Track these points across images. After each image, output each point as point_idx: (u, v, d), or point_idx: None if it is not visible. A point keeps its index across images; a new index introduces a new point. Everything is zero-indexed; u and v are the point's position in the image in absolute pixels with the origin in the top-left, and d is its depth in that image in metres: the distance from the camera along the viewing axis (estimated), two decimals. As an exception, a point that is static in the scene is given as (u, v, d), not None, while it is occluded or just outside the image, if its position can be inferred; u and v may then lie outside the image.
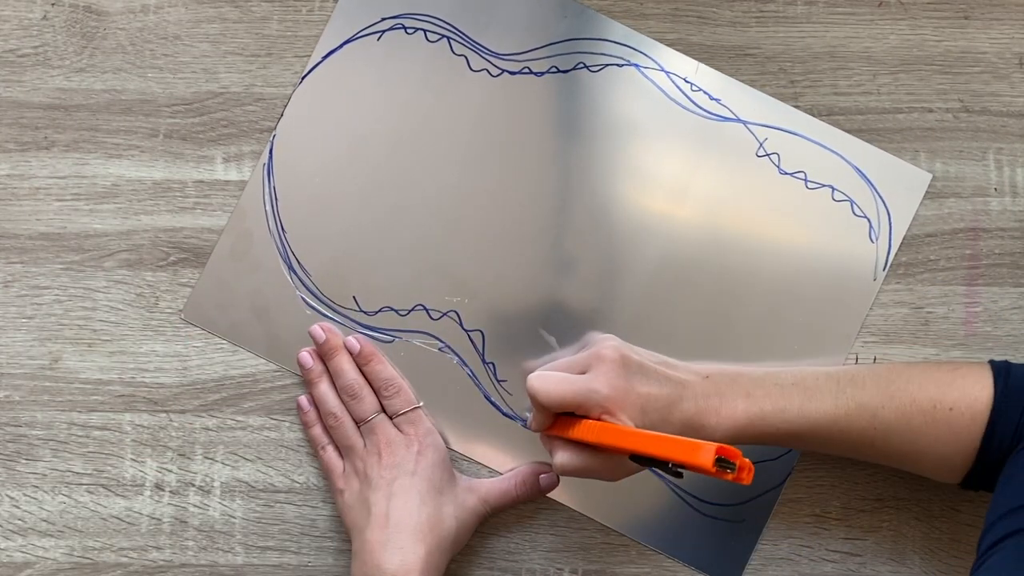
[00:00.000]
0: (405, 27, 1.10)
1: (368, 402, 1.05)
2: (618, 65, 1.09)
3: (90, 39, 1.11)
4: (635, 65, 1.09)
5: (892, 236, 1.08)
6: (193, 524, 1.07)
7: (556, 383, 0.94)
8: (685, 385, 0.96)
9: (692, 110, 1.09)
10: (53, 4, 1.11)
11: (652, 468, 0.89)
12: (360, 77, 1.10)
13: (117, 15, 1.11)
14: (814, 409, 0.95)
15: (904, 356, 1.08)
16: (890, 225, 1.08)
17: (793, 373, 0.98)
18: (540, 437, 0.99)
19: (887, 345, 1.08)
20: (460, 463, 1.07)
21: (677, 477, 0.88)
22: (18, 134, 1.10)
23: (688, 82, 1.09)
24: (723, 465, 0.82)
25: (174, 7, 1.11)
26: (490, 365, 1.08)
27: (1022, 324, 1.08)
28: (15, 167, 1.10)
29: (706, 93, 1.09)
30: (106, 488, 1.07)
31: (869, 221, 1.08)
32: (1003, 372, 0.95)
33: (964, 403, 0.94)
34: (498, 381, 1.08)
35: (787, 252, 1.08)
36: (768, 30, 1.10)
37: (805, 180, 1.08)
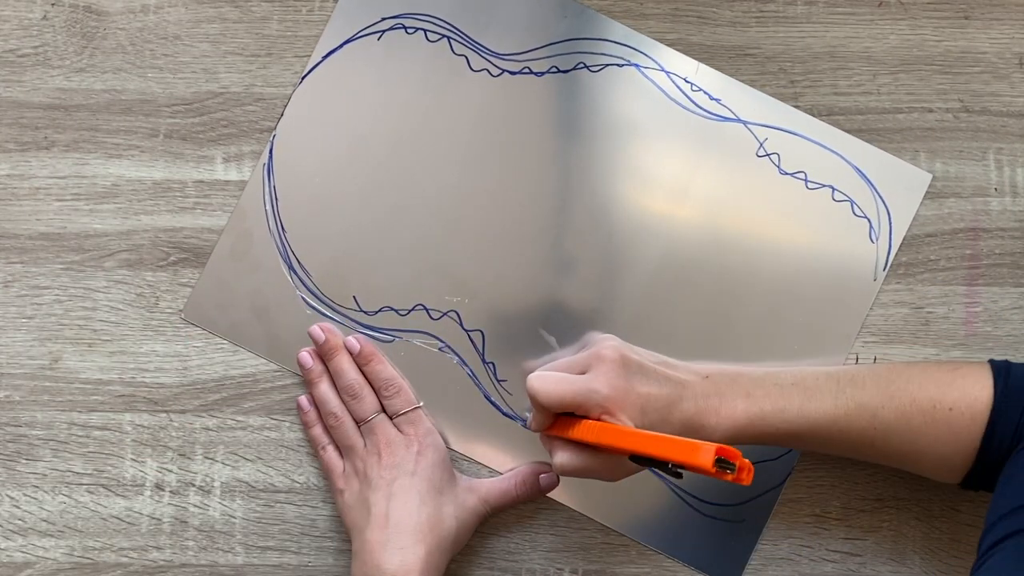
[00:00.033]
0: (405, 27, 1.10)
1: (368, 402, 1.05)
2: (618, 65, 1.09)
3: (90, 39, 1.11)
4: (635, 65, 1.09)
5: (892, 236, 1.08)
6: (193, 524, 1.07)
7: (556, 383, 0.94)
8: (685, 385, 0.96)
9: (692, 110, 1.09)
10: (53, 4, 1.11)
11: (652, 468, 0.89)
12: (360, 77, 1.10)
13: (117, 15, 1.11)
14: (814, 409, 0.95)
15: (904, 356, 1.08)
16: (890, 225, 1.08)
17: (793, 373, 0.98)
18: (540, 437, 0.99)
19: (887, 345, 1.08)
20: (460, 463, 1.07)
21: (677, 477, 0.87)
22: (18, 134, 1.10)
23: (688, 82, 1.09)
24: (723, 466, 0.82)
25: (174, 7, 1.11)
26: (490, 365, 1.08)
27: (1022, 324, 1.08)
28: (15, 167, 1.10)
29: (706, 93, 1.09)
30: (106, 488, 1.07)
31: (869, 221, 1.08)
32: (1003, 372, 0.95)
33: (964, 403, 0.94)
34: (498, 381, 1.08)
35: (787, 252, 1.08)
36: (768, 30, 1.10)
37: (805, 180, 1.08)
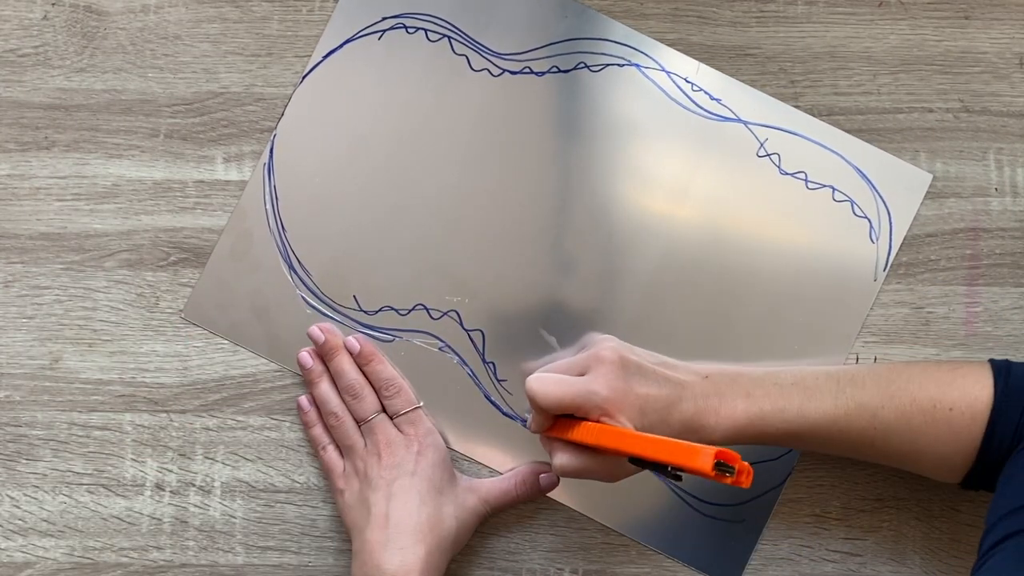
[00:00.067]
0: (406, 26, 1.10)
1: (369, 402, 1.05)
2: (619, 65, 1.09)
3: (90, 39, 1.11)
4: (636, 65, 1.09)
5: (892, 236, 1.08)
6: (194, 524, 1.07)
7: (555, 385, 0.94)
8: (684, 385, 0.96)
9: (693, 110, 1.09)
10: (53, 4, 1.11)
11: (651, 470, 0.89)
12: (361, 77, 1.10)
13: (117, 15, 1.11)
14: (813, 409, 0.95)
15: (905, 356, 1.08)
16: (890, 225, 1.08)
17: (793, 373, 0.98)
18: (540, 438, 0.99)
19: (888, 345, 1.08)
20: (460, 463, 1.07)
21: (676, 480, 0.88)
22: (18, 134, 1.10)
23: (689, 82, 1.09)
24: (722, 469, 0.82)
25: (174, 7, 1.11)
26: (490, 365, 1.08)
27: (1023, 324, 1.08)
28: (15, 167, 1.10)
29: (707, 93, 1.09)
30: (106, 488, 1.07)
31: (869, 221, 1.08)
32: (1003, 371, 0.95)
33: (964, 403, 0.94)
34: (498, 381, 1.08)
35: (787, 252, 1.08)
36: (768, 30, 1.10)
37: (806, 180, 1.08)
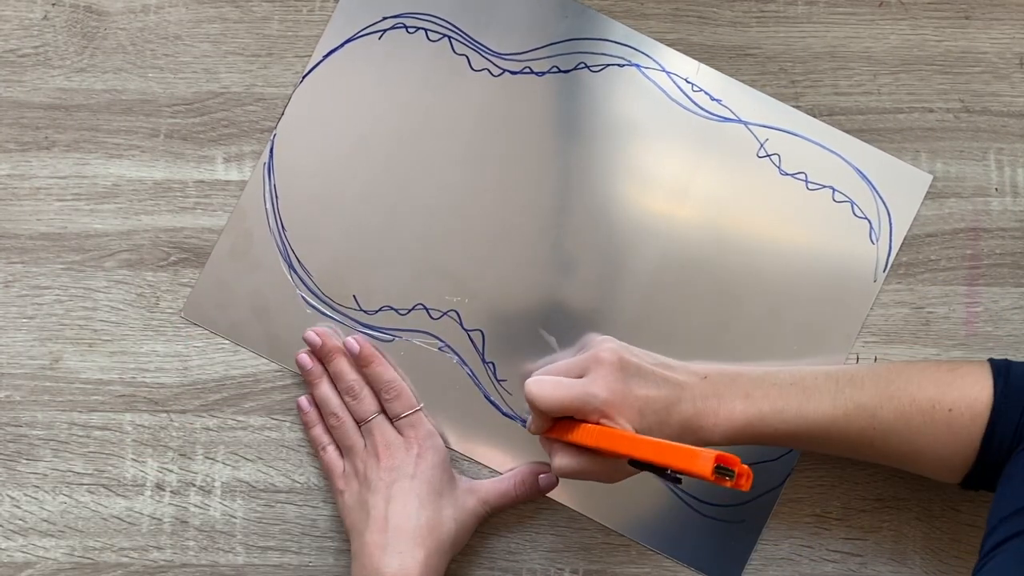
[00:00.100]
0: (406, 26, 1.10)
1: (368, 403, 1.05)
2: (619, 65, 1.09)
3: (91, 39, 1.10)
4: (636, 65, 1.09)
5: (892, 237, 1.08)
6: (194, 524, 1.07)
7: (553, 388, 0.94)
8: (683, 387, 0.96)
9: (693, 110, 1.09)
10: (54, 4, 1.11)
11: (651, 473, 0.89)
12: (361, 76, 1.10)
13: (118, 15, 1.11)
14: (812, 410, 0.95)
15: (905, 356, 1.08)
16: (890, 226, 1.08)
17: (792, 373, 0.98)
18: (540, 439, 0.99)
19: (888, 345, 1.08)
20: (459, 463, 1.07)
21: (676, 483, 0.88)
22: (19, 134, 1.10)
23: (689, 82, 1.09)
24: (722, 472, 0.82)
25: (175, 7, 1.11)
26: (490, 365, 1.08)
27: (1023, 324, 1.08)
28: (15, 167, 1.10)
29: (707, 93, 1.09)
30: (107, 488, 1.07)
31: (869, 222, 1.08)
32: (1003, 371, 0.95)
33: (964, 403, 0.94)
34: (498, 381, 1.08)
35: (787, 253, 1.08)
36: (769, 30, 1.10)
37: (806, 181, 1.08)
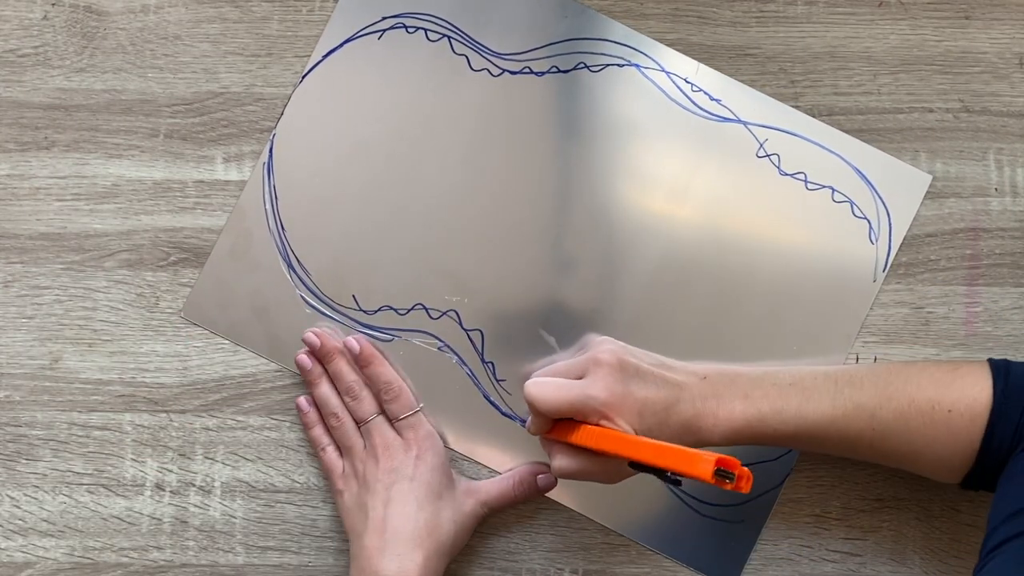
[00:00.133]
0: (406, 26, 1.10)
1: (367, 404, 1.05)
2: (619, 65, 1.09)
3: (90, 39, 1.11)
4: (636, 65, 1.09)
5: (892, 237, 1.08)
6: (194, 524, 1.07)
7: (553, 390, 0.94)
8: (682, 387, 0.96)
9: (692, 110, 1.09)
10: (53, 4, 1.11)
11: (651, 475, 0.89)
12: (360, 76, 1.10)
13: (117, 15, 1.11)
14: (812, 410, 0.95)
15: (905, 356, 1.08)
16: (890, 226, 1.08)
17: (791, 373, 0.98)
18: (540, 439, 0.99)
19: (887, 345, 1.08)
20: (459, 462, 1.07)
21: (676, 485, 0.88)
22: (18, 134, 1.10)
23: (688, 82, 1.09)
24: (722, 476, 0.82)
25: (174, 7, 1.11)
26: (489, 365, 1.08)
27: (1022, 324, 1.08)
28: (15, 167, 1.10)
29: (706, 94, 1.09)
30: (107, 488, 1.07)
31: (869, 222, 1.08)
32: (1002, 372, 0.95)
33: (963, 404, 0.94)
34: (497, 381, 1.08)
35: (787, 253, 1.08)
36: (768, 30, 1.10)
37: (805, 181, 1.08)
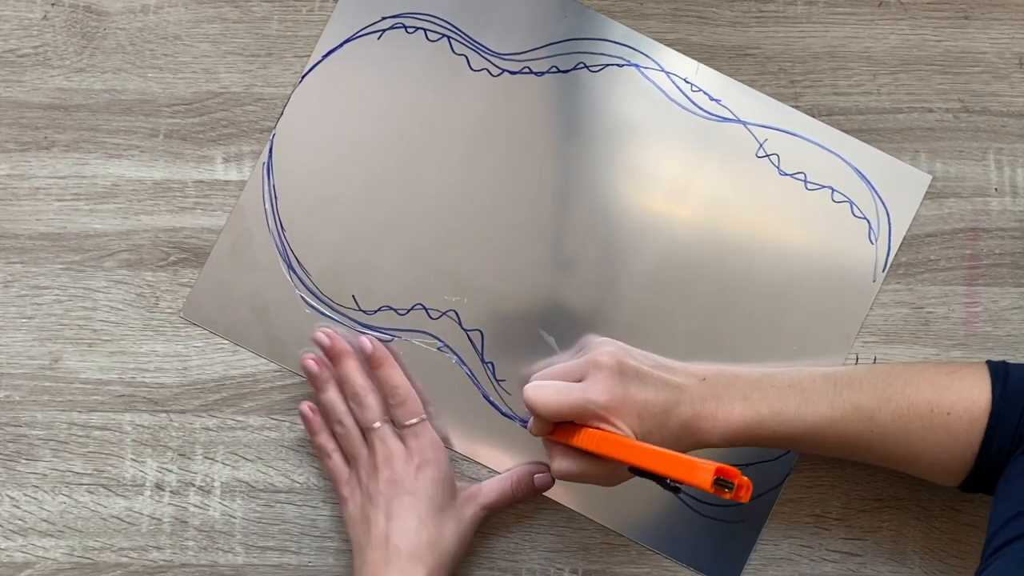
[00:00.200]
0: (405, 26, 1.10)
1: (372, 410, 1.04)
2: (618, 65, 1.09)
3: (90, 39, 1.11)
4: (635, 65, 1.09)
5: (892, 238, 1.08)
6: (193, 524, 1.07)
7: (553, 394, 0.94)
8: (682, 389, 0.95)
9: (692, 111, 1.09)
10: (53, 4, 1.11)
11: (650, 481, 0.89)
12: (360, 76, 1.10)
13: (117, 15, 1.11)
14: (811, 412, 0.95)
15: (904, 356, 1.08)
16: (889, 226, 1.08)
17: (790, 375, 0.98)
18: (542, 440, 0.99)
19: (887, 345, 1.08)
20: (458, 463, 1.07)
21: (675, 492, 0.88)
22: (18, 134, 1.10)
23: (688, 82, 1.09)
24: (721, 484, 0.82)
25: (174, 7, 1.11)
26: (489, 365, 1.08)
27: (1022, 324, 1.08)
28: (15, 167, 1.10)
29: (706, 94, 1.09)
30: (106, 488, 1.07)
31: (869, 222, 1.08)
32: (1001, 374, 0.95)
33: (962, 407, 0.94)
34: (497, 381, 1.08)
35: (786, 253, 1.08)
36: (768, 30, 1.10)
37: (805, 181, 1.08)
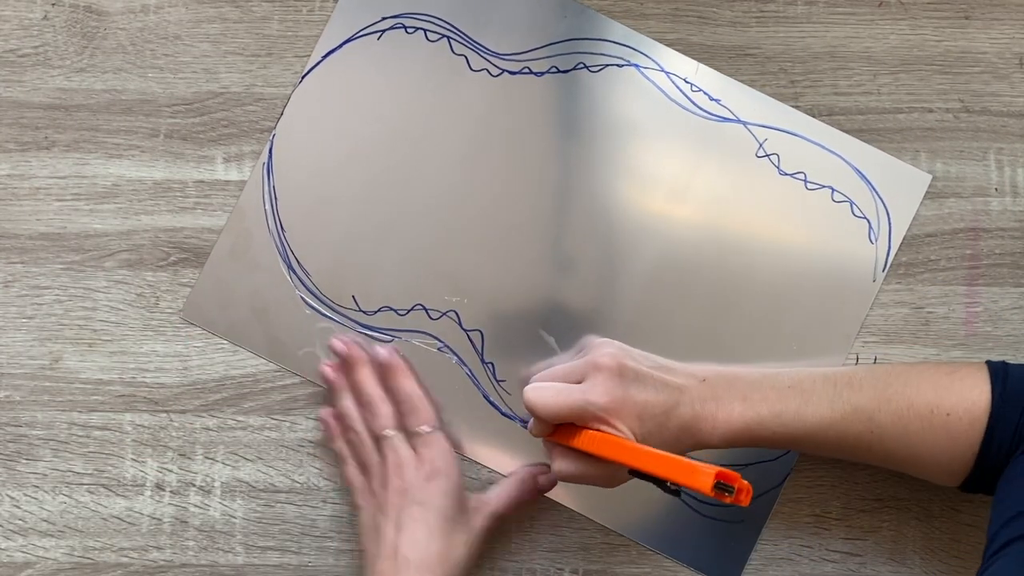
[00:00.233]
0: (405, 27, 1.10)
1: (384, 417, 1.03)
2: (618, 65, 1.09)
3: (90, 39, 1.11)
4: (635, 65, 1.09)
5: (892, 237, 1.08)
6: (194, 524, 1.07)
7: (553, 396, 0.94)
8: (682, 390, 0.95)
9: (692, 110, 1.09)
10: (53, 4, 1.11)
11: (650, 483, 0.89)
12: (360, 77, 1.10)
13: (117, 15, 1.11)
14: (811, 413, 0.95)
15: (905, 356, 1.08)
16: (889, 226, 1.08)
17: (790, 375, 0.97)
18: (543, 441, 0.99)
19: (887, 345, 1.08)
20: (460, 463, 1.07)
21: (675, 495, 0.88)
22: (18, 134, 1.10)
23: (688, 82, 1.09)
24: (722, 488, 0.82)
25: (174, 7, 1.11)
26: (489, 365, 1.08)
27: (1022, 324, 1.08)
28: (15, 167, 1.10)
29: (706, 94, 1.09)
30: (107, 488, 1.07)
31: (869, 222, 1.08)
32: (1001, 375, 0.95)
33: (962, 408, 0.94)
34: (497, 381, 1.08)
35: (786, 253, 1.08)
36: (768, 30, 1.10)
37: (805, 181, 1.08)
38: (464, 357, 1.08)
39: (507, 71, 1.09)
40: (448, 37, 1.10)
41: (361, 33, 1.10)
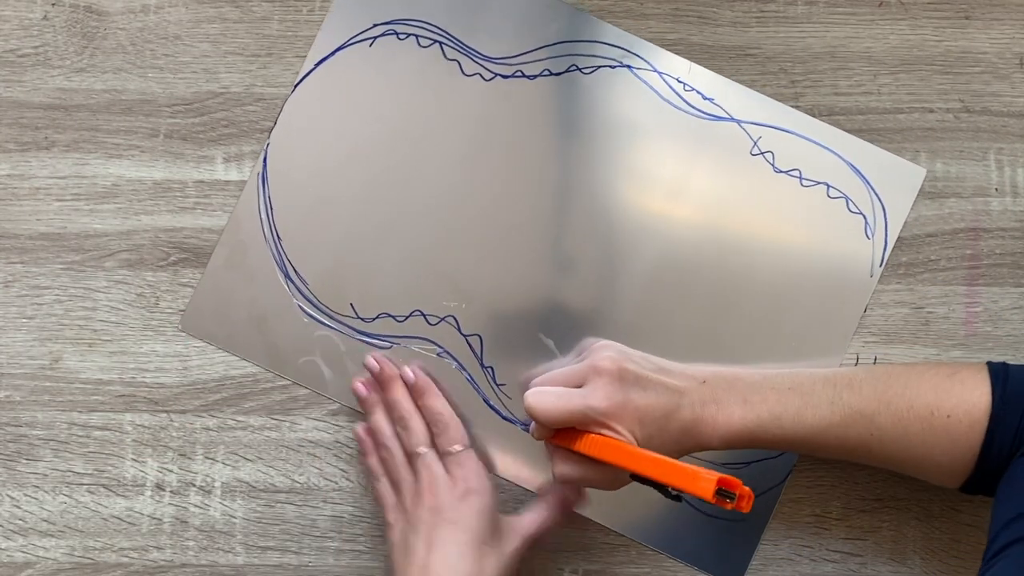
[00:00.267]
0: (397, 33, 1.09)
1: (417, 435, 1.02)
2: (611, 67, 1.09)
3: (90, 39, 1.11)
4: (628, 66, 1.09)
5: (888, 232, 1.08)
6: (194, 524, 1.08)
7: (553, 401, 0.94)
8: (682, 393, 0.95)
9: (685, 110, 1.08)
10: (53, 4, 1.11)
11: (652, 487, 0.89)
12: (352, 84, 1.10)
13: (117, 15, 1.11)
14: (811, 415, 0.95)
15: (905, 356, 1.07)
16: (885, 221, 1.08)
17: (790, 377, 0.97)
18: (544, 444, 0.98)
19: (887, 345, 1.08)
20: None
21: (676, 500, 0.88)
22: (18, 134, 1.10)
23: (681, 82, 1.09)
24: (723, 495, 0.82)
25: (174, 7, 1.11)
26: (488, 369, 1.08)
27: (1022, 324, 1.07)
28: (15, 167, 1.10)
29: (699, 93, 1.09)
30: (107, 488, 1.08)
31: (864, 218, 1.08)
32: (1001, 376, 0.95)
33: (962, 409, 0.94)
34: (497, 385, 1.08)
35: (783, 250, 1.08)
36: (768, 30, 1.10)
37: (800, 178, 1.08)
38: (463, 362, 1.08)
39: (500, 75, 1.09)
40: (440, 42, 1.09)
41: (353, 40, 1.10)
